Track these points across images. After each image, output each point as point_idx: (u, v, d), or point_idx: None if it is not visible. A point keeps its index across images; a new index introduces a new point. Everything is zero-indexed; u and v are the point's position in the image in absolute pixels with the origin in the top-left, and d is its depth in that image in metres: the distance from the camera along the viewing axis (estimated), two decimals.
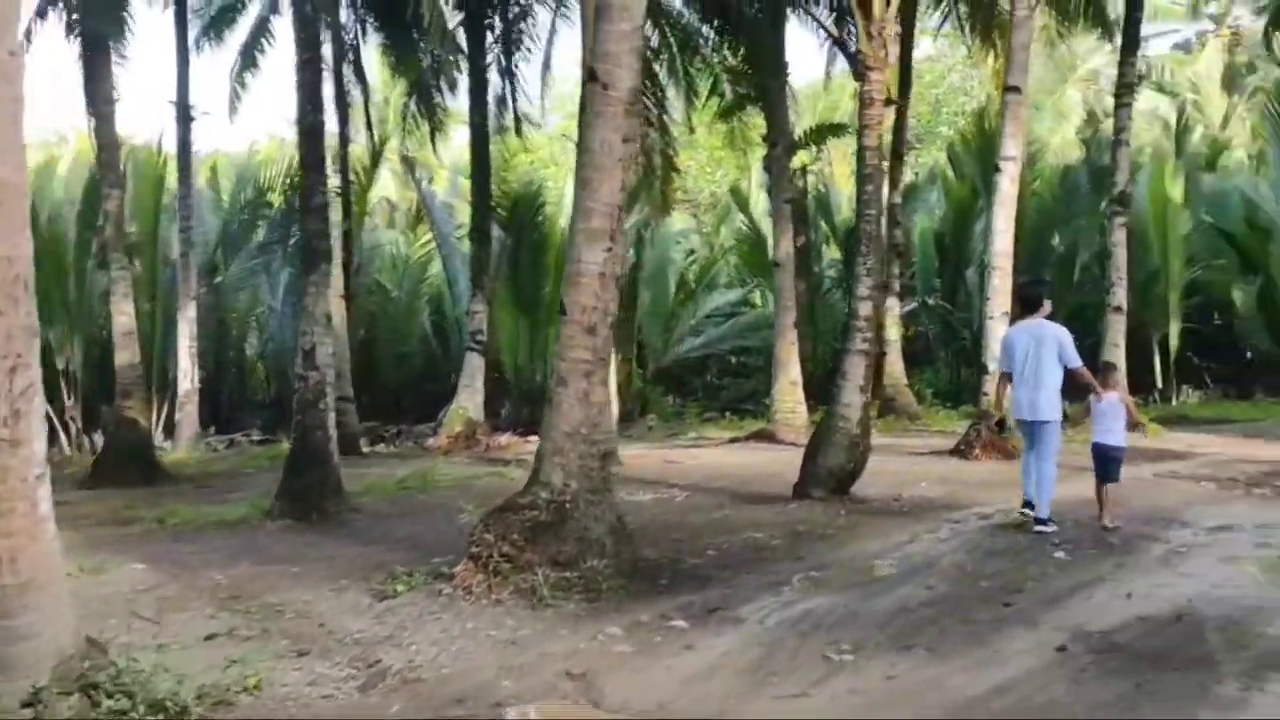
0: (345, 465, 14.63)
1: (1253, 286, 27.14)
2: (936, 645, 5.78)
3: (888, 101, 9.90)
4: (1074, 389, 9.09)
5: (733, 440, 17.28)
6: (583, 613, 6.58)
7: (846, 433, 9.98)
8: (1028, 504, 8.89)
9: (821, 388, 29.51)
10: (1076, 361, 8.83)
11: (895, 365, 20.69)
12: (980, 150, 26.22)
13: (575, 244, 7.26)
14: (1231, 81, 43.16)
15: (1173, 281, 26.14)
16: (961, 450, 13.06)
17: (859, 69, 9.99)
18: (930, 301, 26.80)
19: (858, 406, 9.97)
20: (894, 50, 15.88)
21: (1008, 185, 13.28)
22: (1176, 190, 25.75)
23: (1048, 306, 9.20)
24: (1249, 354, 28.57)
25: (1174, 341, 26.32)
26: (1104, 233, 27.16)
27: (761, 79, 17.81)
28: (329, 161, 12.24)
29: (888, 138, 15.96)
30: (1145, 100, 45.37)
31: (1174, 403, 25.09)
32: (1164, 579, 7.01)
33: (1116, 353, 15.96)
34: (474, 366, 18.75)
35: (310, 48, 10.73)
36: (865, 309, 9.97)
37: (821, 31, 19.09)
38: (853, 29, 12.21)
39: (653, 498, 11.09)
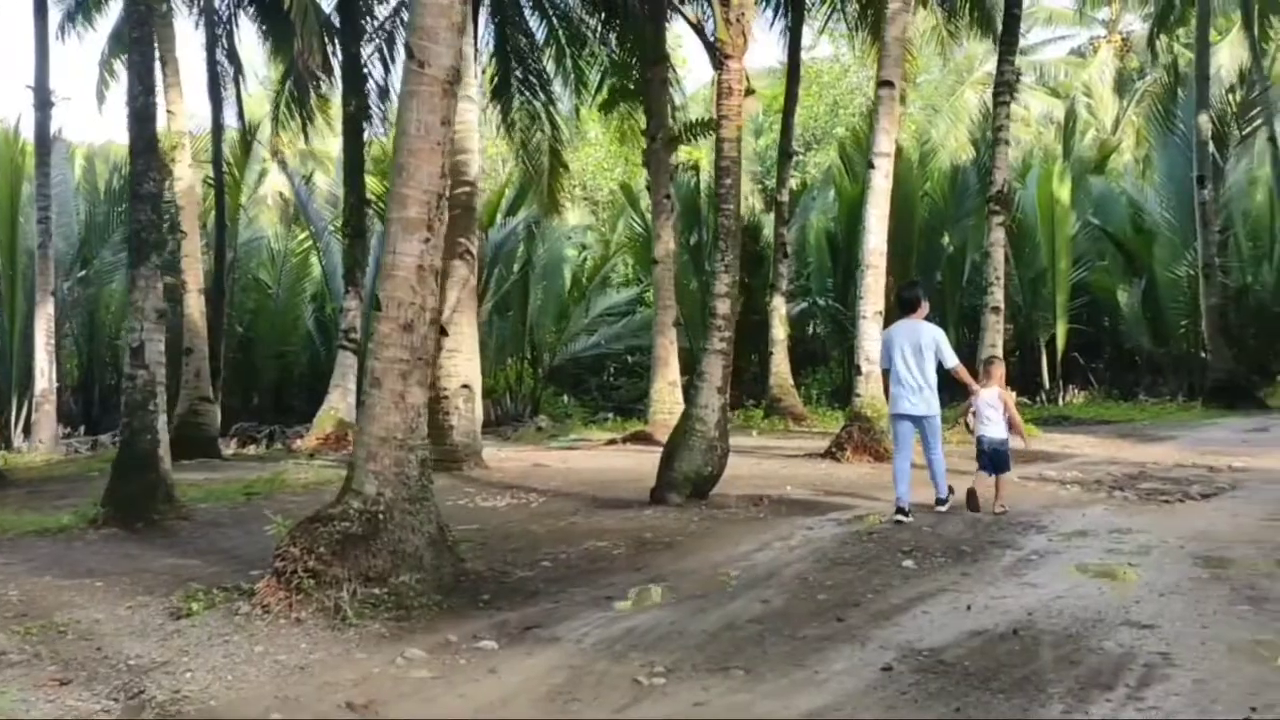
0: (198, 469, 13.99)
1: (1137, 288, 27.55)
2: (755, 666, 5.38)
3: (748, 92, 9.55)
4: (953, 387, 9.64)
5: (610, 442, 16.86)
6: (388, 633, 6.07)
7: (704, 436, 9.60)
8: (901, 510, 9.01)
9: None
10: (953, 360, 9.33)
11: (782, 365, 20.47)
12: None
13: (390, 234, 6.73)
14: (1122, 86, 43.99)
15: (1060, 282, 26.41)
16: (833, 453, 12.79)
17: (717, 57, 9.60)
18: (822, 302, 26.70)
19: (715, 408, 9.60)
20: (787, 45, 15.67)
21: (881, 182, 13.04)
22: (1064, 191, 26.01)
23: (925, 307, 9.51)
24: (1139, 357, 29.03)
25: (1060, 342, 26.60)
26: None
27: (641, 70, 17.43)
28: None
29: (775, 137, 15.57)
30: (1039, 104, 46.30)
31: (1060, 403, 25.33)
32: (1008, 589, 6.72)
33: (994, 354, 15.80)
34: (346, 366, 18.08)
35: (140, 24, 10.04)
36: (723, 307, 9.60)
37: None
38: (710, 15, 11.78)
39: (508, 503, 10.62)
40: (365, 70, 18.87)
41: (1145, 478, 11.48)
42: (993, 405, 9.38)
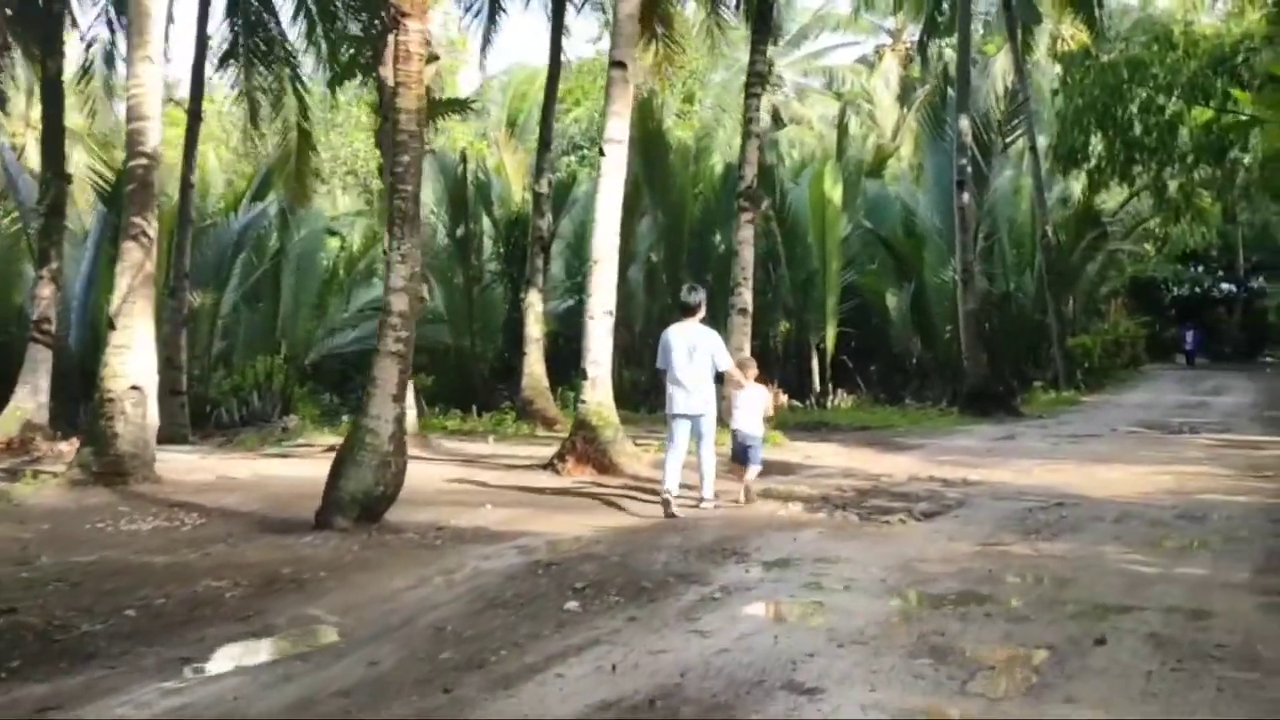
0: None
1: (906, 292, 27.65)
2: None
3: (431, 58, 8.35)
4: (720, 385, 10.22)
5: (331, 448, 15.34)
6: None
7: (375, 450, 8.34)
8: (668, 502, 9.43)
9: (484, 385, 28.15)
10: (727, 362, 9.85)
11: (536, 366, 19.35)
12: (642, 142, 25.41)
13: None
14: (906, 94, 44.82)
15: (830, 284, 26.20)
16: (554, 464, 11.73)
17: (392, 16, 8.32)
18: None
19: (390, 419, 8.35)
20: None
21: (613, 171, 12.04)
22: (836, 193, 25.79)
23: (703, 310, 9.87)
24: (908, 361, 29.20)
25: (830, 344, 26.42)
26: (766, 234, 27.14)
27: (375, 40, 15.96)
28: None
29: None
30: (822, 107, 46.86)
31: (828, 406, 25.07)
32: (673, 640, 5.72)
33: (741, 356, 15.13)
34: (37, 361, 15.99)
35: None
36: (400, 303, 8.35)
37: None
38: None
39: (155, 527, 9.10)
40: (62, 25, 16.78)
41: (875, 494, 10.84)
42: (749, 402, 10.05)
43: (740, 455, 10.03)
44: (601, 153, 12.17)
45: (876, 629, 5.89)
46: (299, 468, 13.06)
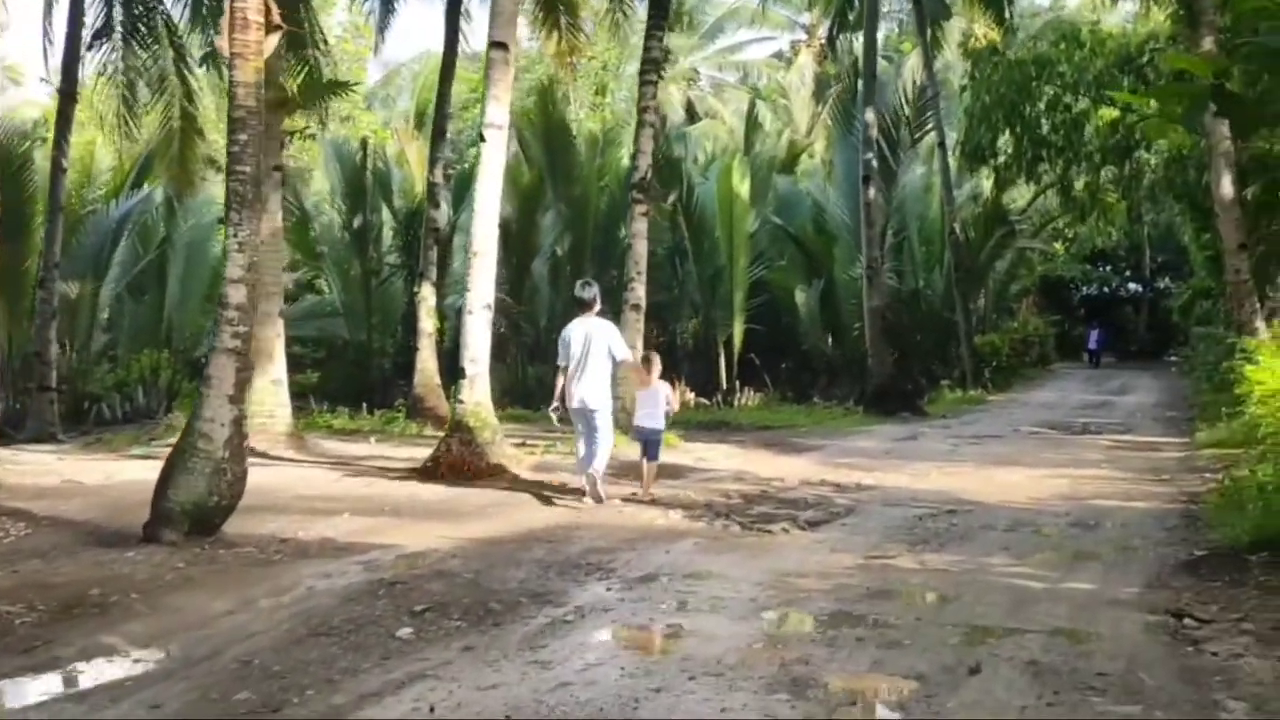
0: None
1: (816, 288, 27.35)
2: None
3: (273, 27, 7.62)
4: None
5: None
6: None
7: (209, 456, 7.60)
8: (583, 491, 9.85)
9: (384, 381, 27.28)
10: (625, 354, 10.03)
11: (428, 363, 18.62)
12: (545, 133, 24.79)
13: None
14: (821, 90, 44.63)
15: (738, 280, 25.79)
16: (428, 468, 11.06)
17: None
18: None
19: (225, 422, 7.61)
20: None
21: (493, 158, 11.38)
22: (744, 187, 25.39)
23: (598, 305, 10.04)
24: (816, 359, 28.91)
25: (738, 341, 26.01)
26: (673, 228, 26.68)
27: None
28: None
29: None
30: (737, 102, 46.60)
31: (735, 405, 24.65)
32: (508, 673, 5.11)
33: (636, 354, 14.59)
34: None
35: None
36: (238, 295, 7.61)
37: None
38: None
39: None
40: None
41: (763, 500, 10.34)
42: (652, 399, 10.21)
43: (647, 450, 10.16)
44: (481, 138, 11.49)
45: (736, 657, 5.34)
46: (155, 471, 12.21)
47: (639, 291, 14.27)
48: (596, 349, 9.65)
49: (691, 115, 43.20)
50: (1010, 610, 6.30)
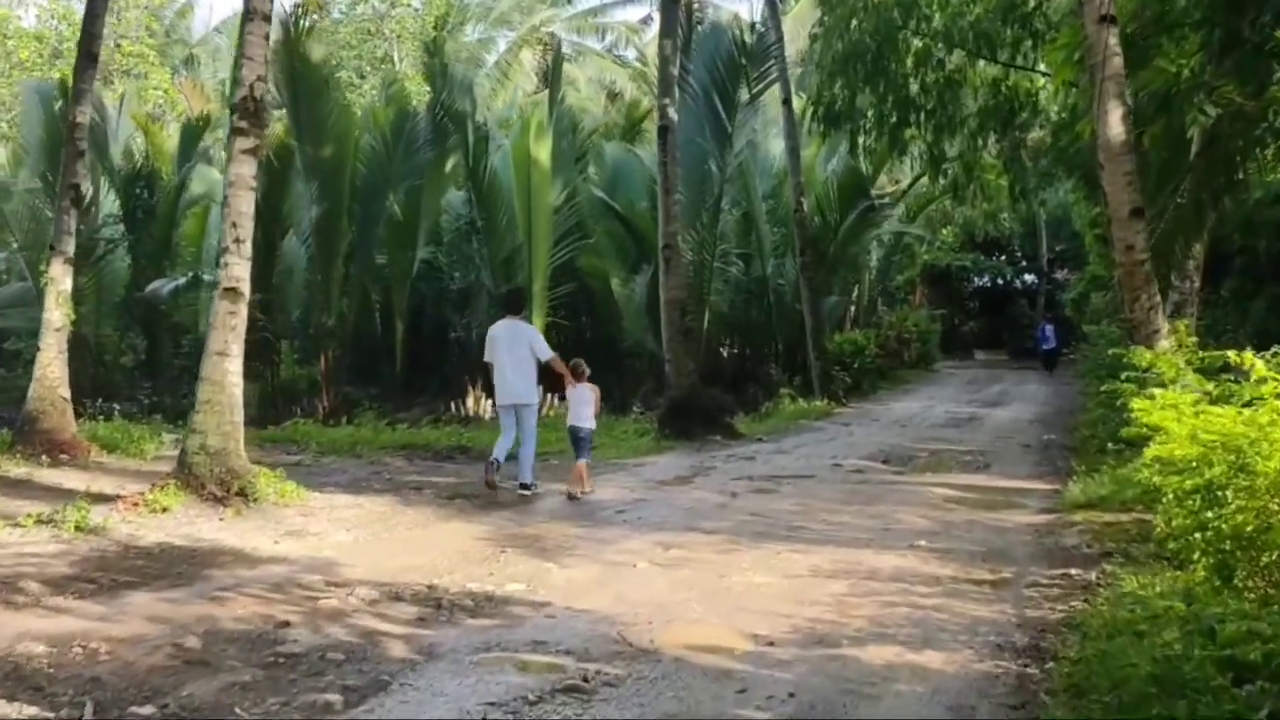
0: None
1: (644, 275, 22.66)
2: None
3: None
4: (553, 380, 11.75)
5: None
6: None
7: None
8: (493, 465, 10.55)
9: (126, 379, 22.25)
10: (548, 353, 10.83)
11: (50, 369, 13.45)
12: (289, 80, 19.76)
13: None
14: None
15: (538, 263, 21.00)
16: None
17: None
18: (206, 277, 19.78)
19: None
20: None
21: None
22: (543, 151, 20.55)
23: (523, 308, 11.68)
24: (651, 358, 24.20)
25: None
26: (468, 203, 21.85)
27: None
28: None
29: None
30: (596, 69, 42.03)
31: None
32: None
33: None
34: None
35: None
36: None
37: None
38: None
39: None
40: None
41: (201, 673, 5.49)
42: (580, 398, 10.76)
43: (577, 449, 10.66)
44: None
45: None
46: None
47: (235, 269, 9.30)
48: (520, 348, 10.57)
49: (547, 83, 38.54)
50: None
